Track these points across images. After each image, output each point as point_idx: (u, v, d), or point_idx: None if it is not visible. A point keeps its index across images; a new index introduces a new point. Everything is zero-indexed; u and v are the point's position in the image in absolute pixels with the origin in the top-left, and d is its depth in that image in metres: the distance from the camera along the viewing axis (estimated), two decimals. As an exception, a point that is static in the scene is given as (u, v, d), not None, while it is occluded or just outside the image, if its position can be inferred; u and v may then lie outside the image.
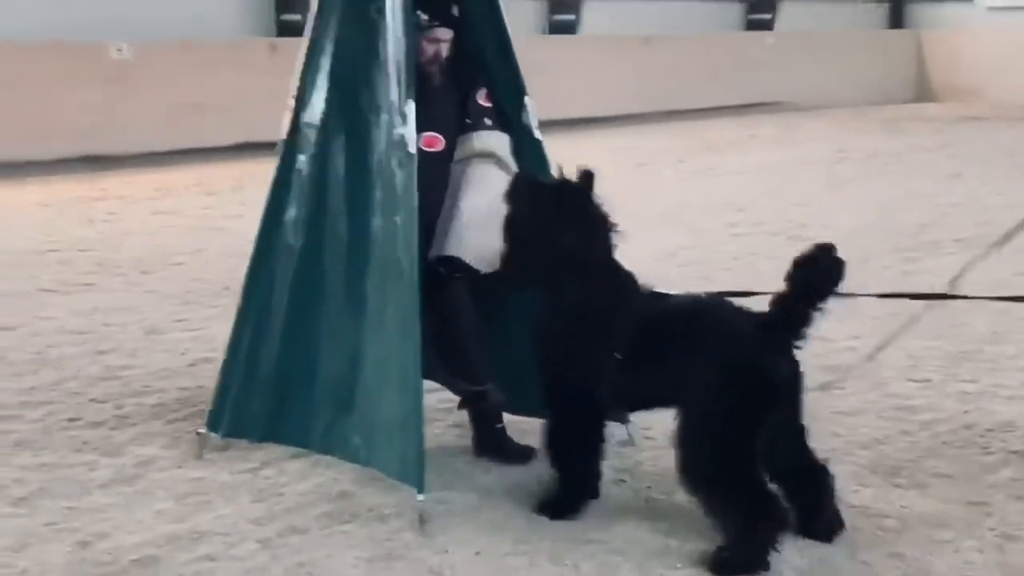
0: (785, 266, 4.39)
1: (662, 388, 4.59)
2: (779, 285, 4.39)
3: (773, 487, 4.40)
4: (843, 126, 22.02)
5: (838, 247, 4.42)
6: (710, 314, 4.58)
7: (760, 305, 4.51)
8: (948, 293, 5.33)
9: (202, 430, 5.46)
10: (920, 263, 9.64)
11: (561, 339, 4.72)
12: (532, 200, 4.81)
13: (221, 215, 11.91)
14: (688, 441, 4.42)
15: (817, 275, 4.36)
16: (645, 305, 4.67)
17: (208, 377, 6.02)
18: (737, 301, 4.67)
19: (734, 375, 4.36)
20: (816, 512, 4.52)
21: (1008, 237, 5.35)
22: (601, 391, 4.67)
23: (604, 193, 4.89)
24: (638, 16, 24.77)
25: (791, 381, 4.44)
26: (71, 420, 6.00)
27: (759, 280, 8.66)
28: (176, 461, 5.42)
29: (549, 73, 21.67)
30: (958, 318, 7.64)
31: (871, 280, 8.87)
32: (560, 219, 4.72)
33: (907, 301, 7.64)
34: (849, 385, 6.39)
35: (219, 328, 6.60)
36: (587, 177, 4.83)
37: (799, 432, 4.55)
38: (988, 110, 24.60)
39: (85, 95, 16.34)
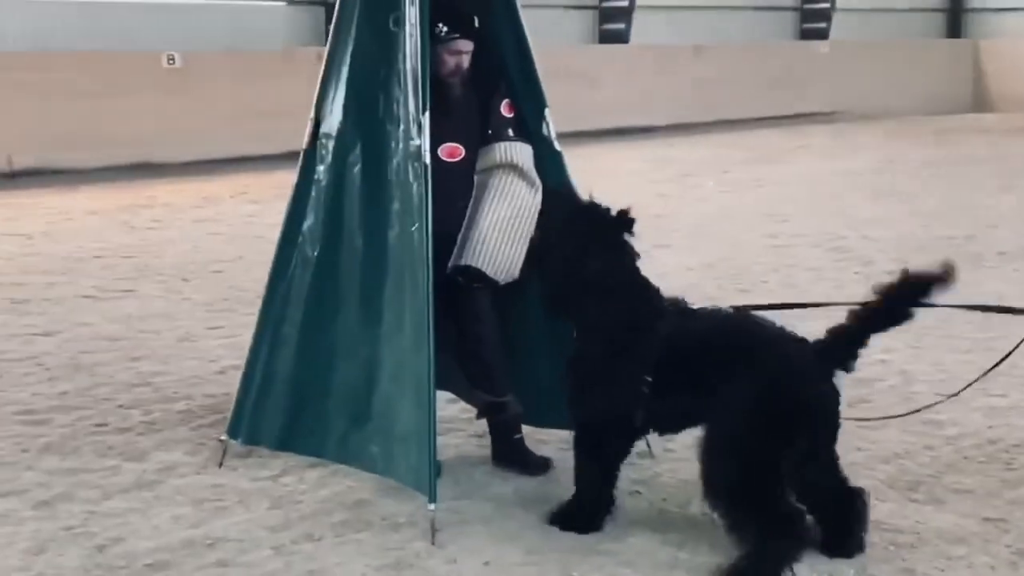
0: (823, 278, 4.38)
1: (692, 408, 4.57)
2: (811, 295, 4.38)
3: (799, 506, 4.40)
4: (895, 136, 21.83)
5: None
6: (746, 334, 4.56)
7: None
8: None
9: (223, 437, 5.52)
10: (961, 275, 9.49)
11: (590, 362, 4.72)
12: (566, 223, 4.81)
13: (263, 223, 11.97)
14: (715, 456, 4.41)
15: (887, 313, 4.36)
16: (674, 325, 4.64)
17: (236, 385, 6.06)
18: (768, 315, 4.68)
19: (770, 399, 4.34)
20: (844, 535, 4.50)
21: None
22: (635, 413, 4.65)
23: (636, 215, 4.83)
24: (689, 25, 24.73)
25: (828, 409, 4.42)
26: (99, 425, 6.08)
27: (795, 291, 8.68)
28: (197, 467, 5.48)
29: (599, 83, 21.82)
30: (995, 330, 7.55)
31: (908, 292, 8.81)
32: (589, 245, 4.71)
33: (945, 314, 7.63)
34: (876, 397, 6.34)
35: (251, 336, 6.65)
36: (626, 216, 4.79)
37: (833, 456, 4.53)
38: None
39: (137, 104, 16.60)
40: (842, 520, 4.51)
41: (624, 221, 4.78)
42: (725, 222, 12.50)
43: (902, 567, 4.41)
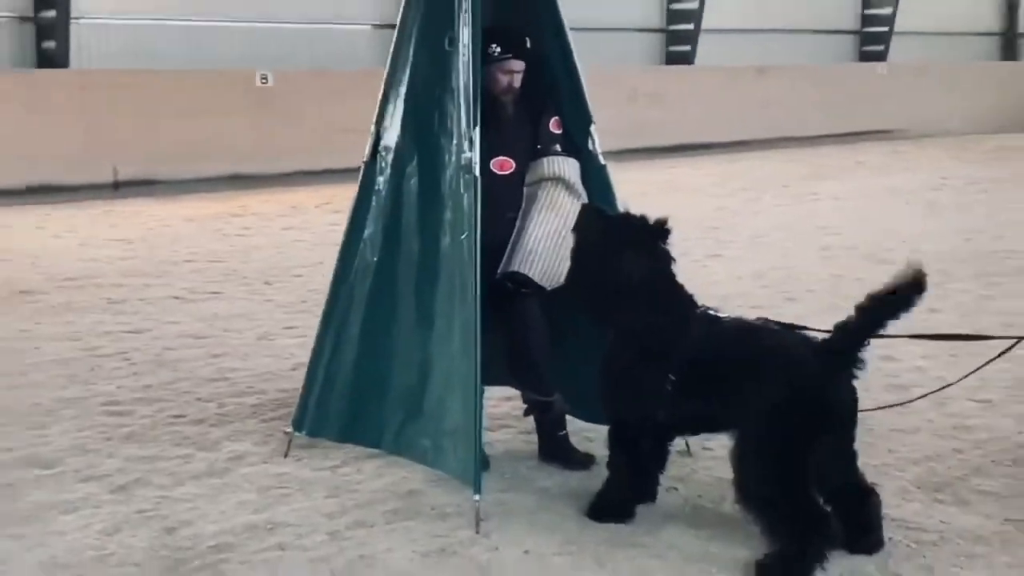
0: (868, 288, 4.34)
1: (717, 410, 4.55)
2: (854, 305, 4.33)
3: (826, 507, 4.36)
4: (949, 155, 21.49)
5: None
6: (770, 339, 4.52)
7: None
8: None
9: (288, 429, 5.57)
10: (1000, 288, 9.36)
11: (621, 361, 4.70)
12: (598, 232, 4.80)
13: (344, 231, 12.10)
14: (746, 460, 4.37)
15: (889, 308, 4.30)
16: (701, 331, 4.60)
17: (304, 381, 6.14)
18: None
19: (794, 401, 4.29)
20: (864, 531, 4.44)
21: None
22: (659, 412, 4.63)
23: (676, 227, 4.80)
24: (752, 47, 24.54)
25: (848, 408, 4.38)
26: (176, 417, 6.16)
27: (839, 300, 8.57)
28: (264, 457, 5.53)
29: (666, 102, 21.74)
30: (1029, 339, 7.42)
31: (948, 303, 8.69)
32: (622, 251, 4.69)
33: (985, 321, 7.49)
34: (911, 404, 6.23)
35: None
36: (663, 225, 4.76)
37: (851, 456, 4.47)
38: (1099, 141, 23.79)
39: (231, 120, 16.84)
40: (862, 517, 4.45)
41: (660, 230, 4.73)
42: (779, 233, 12.39)
43: (922, 564, 4.35)
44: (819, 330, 4.50)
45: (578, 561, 4.40)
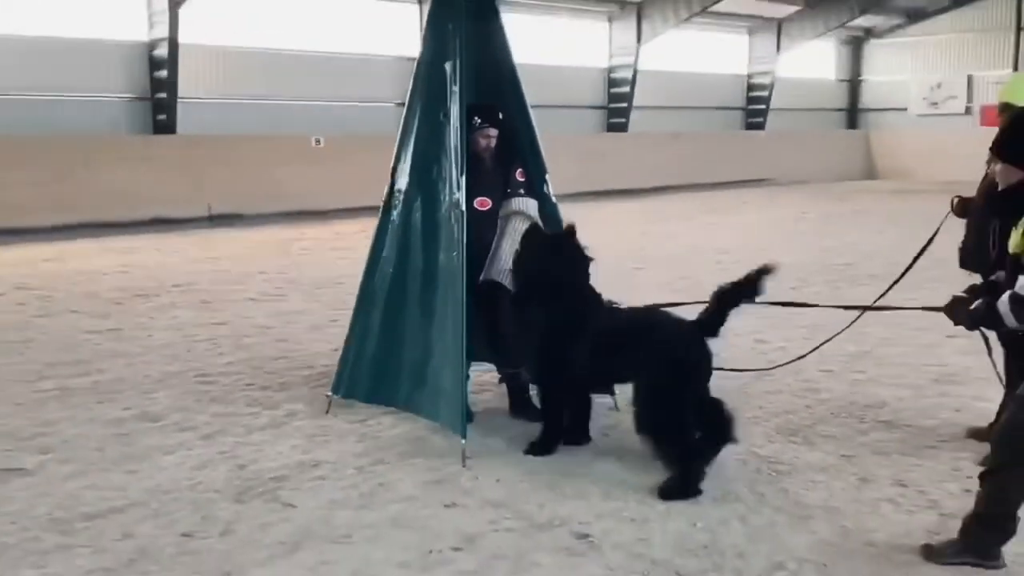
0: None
1: (620, 370, 4.57)
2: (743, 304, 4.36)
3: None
4: (809, 196, 21.51)
5: (773, 275, 4.36)
6: (651, 320, 4.57)
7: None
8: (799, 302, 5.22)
9: (329, 393, 5.54)
10: (842, 290, 9.38)
11: (550, 337, 4.70)
12: (535, 245, 4.81)
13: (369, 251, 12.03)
14: (642, 405, 4.40)
15: (731, 296, 4.31)
16: (607, 316, 4.64)
17: (341, 358, 6.09)
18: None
19: (672, 360, 4.32)
20: (724, 431, 4.45)
21: (901, 276, 5.11)
22: (578, 372, 4.65)
23: (586, 240, 4.80)
24: (669, 119, 24.60)
25: (707, 363, 4.42)
26: (248, 384, 6.12)
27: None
28: (312, 414, 5.49)
29: (606, 158, 21.72)
30: (863, 328, 7.41)
31: (805, 301, 8.67)
32: (552, 258, 4.71)
33: (829, 316, 7.49)
34: (776, 372, 6.23)
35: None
36: (571, 229, 4.77)
37: (708, 397, 4.50)
38: (915, 185, 23.86)
39: (294, 170, 16.76)
40: (718, 418, 4.45)
41: (569, 233, 4.75)
42: (686, 252, 12.37)
43: (780, 488, 4.34)
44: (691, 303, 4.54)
45: (535, 486, 4.39)
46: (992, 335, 4.28)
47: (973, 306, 3.67)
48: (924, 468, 4.58)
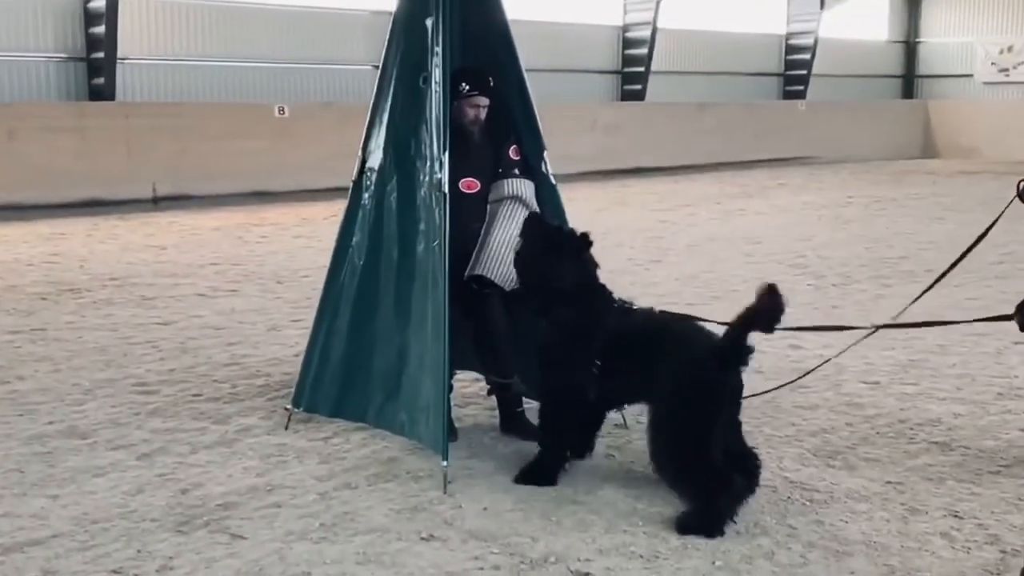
0: (782, 289, 4.36)
1: (634, 386, 4.57)
2: None
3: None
4: (856, 177, 21.57)
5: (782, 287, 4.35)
6: (669, 330, 4.56)
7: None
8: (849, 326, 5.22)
9: (288, 406, 5.53)
10: (893, 288, 9.37)
11: (554, 348, 4.70)
12: (537, 242, 4.80)
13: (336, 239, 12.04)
14: (659, 431, 4.38)
15: (758, 316, 4.32)
16: (617, 322, 4.63)
17: (304, 365, 6.08)
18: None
19: (694, 378, 4.31)
20: (748, 482, 4.47)
21: (944, 274, 5.13)
22: (586, 390, 4.64)
23: (599, 239, 4.81)
24: (694, 86, 24.65)
25: (735, 389, 4.42)
26: (195, 395, 6.11)
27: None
28: (268, 430, 5.48)
29: (619, 132, 21.75)
30: (913, 332, 7.43)
31: (848, 300, 8.73)
32: (556, 257, 4.71)
33: (876, 318, 7.50)
34: (812, 384, 6.26)
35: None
36: (587, 240, 4.77)
37: (737, 426, 4.52)
38: (981, 166, 23.92)
39: (254, 145, 16.80)
40: (745, 472, 4.47)
41: (584, 241, 4.75)
42: (711, 243, 12.38)
43: (815, 519, 4.34)
44: (713, 321, 4.55)
45: (528, 516, 4.38)
46: None
47: None
48: (983, 497, 4.57)
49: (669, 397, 4.34)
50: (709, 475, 4.25)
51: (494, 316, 5.30)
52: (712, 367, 4.29)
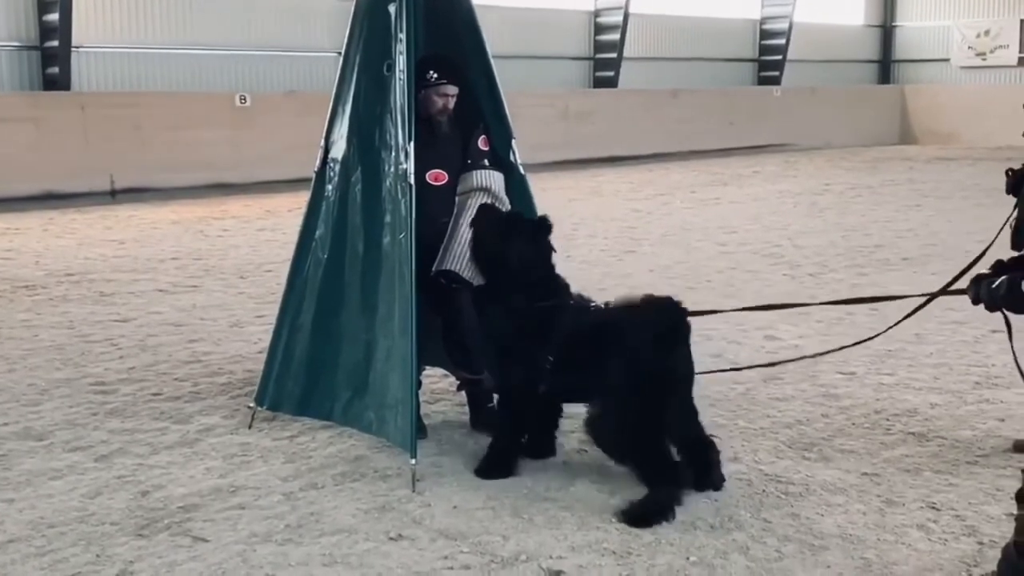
0: (757, 279, 4.39)
1: (585, 382, 4.61)
2: (743, 293, 4.38)
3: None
4: (832, 164, 21.71)
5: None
6: (621, 323, 4.57)
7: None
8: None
9: (252, 404, 5.51)
10: (868, 277, 9.44)
11: (507, 340, 4.73)
12: (490, 227, 4.82)
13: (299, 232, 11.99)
14: (607, 423, 4.45)
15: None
16: (571, 317, 4.67)
17: (268, 361, 6.06)
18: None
19: (641, 370, 4.37)
20: (707, 472, 4.55)
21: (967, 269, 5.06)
22: (536, 384, 4.69)
23: (572, 229, 4.83)
24: (667, 73, 24.70)
25: (683, 374, 4.50)
26: (155, 394, 6.08)
27: (732, 290, 8.65)
28: (231, 429, 5.46)
29: (593, 120, 21.79)
30: (890, 321, 7.49)
31: (824, 290, 8.78)
32: (507, 243, 4.74)
33: (852, 308, 7.53)
34: (787, 376, 6.30)
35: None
36: (545, 223, 4.80)
37: (693, 413, 4.58)
38: (959, 152, 24.12)
39: (215, 135, 16.72)
40: (705, 461, 4.55)
41: (543, 226, 4.77)
42: (685, 233, 12.43)
43: (790, 512, 4.36)
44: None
45: (498, 513, 4.39)
46: (1018, 319, 4.29)
47: (995, 283, 3.72)
48: (960, 488, 4.62)
49: (613, 389, 4.40)
50: (653, 463, 4.33)
51: (463, 311, 5.28)
52: (652, 355, 4.34)
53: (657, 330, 4.40)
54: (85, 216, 14.05)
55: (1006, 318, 4.28)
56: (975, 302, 3.87)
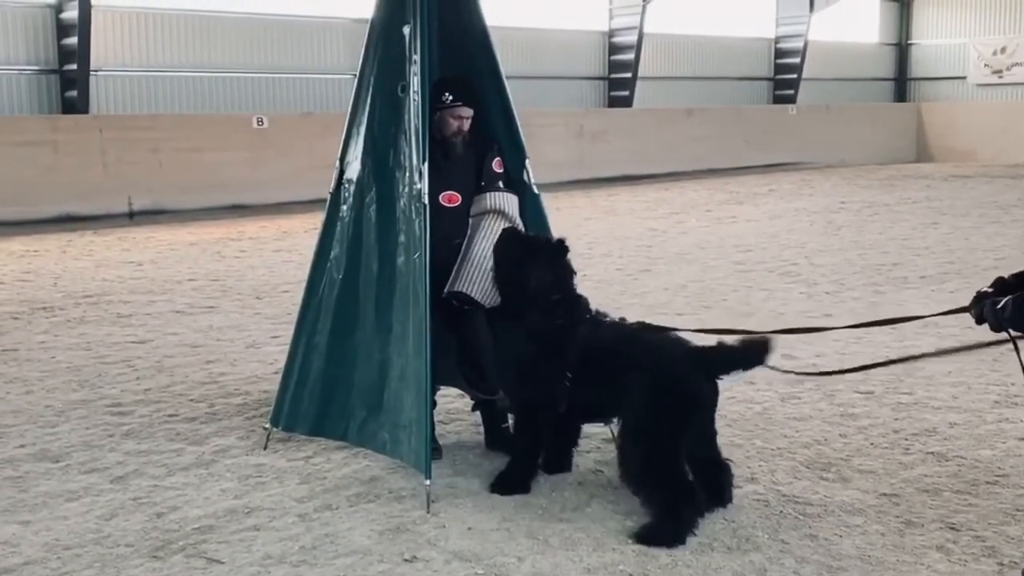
0: (774, 297, 4.38)
1: (605, 400, 4.60)
2: (759, 312, 4.35)
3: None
4: (848, 182, 21.64)
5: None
6: (644, 341, 4.57)
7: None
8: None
9: (267, 425, 5.51)
10: (886, 295, 9.39)
11: (526, 359, 4.71)
12: (511, 250, 4.82)
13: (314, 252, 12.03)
14: (627, 441, 4.43)
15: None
16: (590, 334, 4.65)
17: (284, 382, 6.06)
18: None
19: (665, 392, 4.35)
20: (719, 494, 4.53)
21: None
22: (556, 402, 4.67)
23: (587, 249, 4.83)
24: (682, 91, 24.71)
25: (709, 399, 4.47)
26: (171, 416, 6.08)
27: (748, 308, 8.61)
28: (246, 450, 5.46)
29: (608, 139, 21.81)
30: (908, 340, 7.46)
31: (841, 309, 8.73)
32: (528, 266, 4.74)
33: (874, 328, 7.49)
34: (805, 395, 6.26)
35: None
36: (562, 246, 4.81)
37: (711, 436, 4.58)
38: (975, 169, 24.02)
39: (232, 156, 16.79)
40: (718, 484, 4.54)
41: (559, 248, 4.78)
42: (700, 251, 12.40)
43: (807, 533, 4.33)
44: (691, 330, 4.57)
45: (513, 535, 4.37)
46: None
47: (1000, 304, 3.68)
48: (980, 508, 4.58)
49: (638, 408, 4.38)
50: (672, 486, 4.30)
51: (477, 331, 5.28)
52: (682, 377, 4.32)
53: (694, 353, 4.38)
54: (103, 238, 14.13)
55: (1012, 338, 4.24)
56: (979, 322, 3.83)
